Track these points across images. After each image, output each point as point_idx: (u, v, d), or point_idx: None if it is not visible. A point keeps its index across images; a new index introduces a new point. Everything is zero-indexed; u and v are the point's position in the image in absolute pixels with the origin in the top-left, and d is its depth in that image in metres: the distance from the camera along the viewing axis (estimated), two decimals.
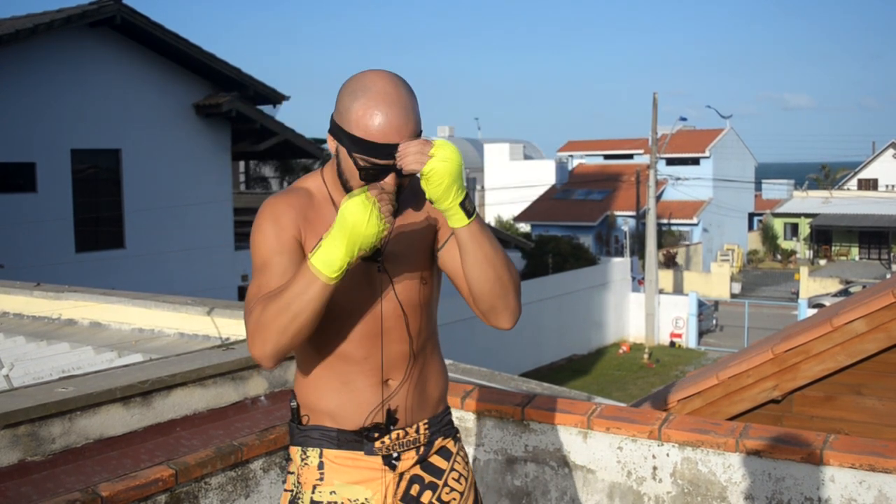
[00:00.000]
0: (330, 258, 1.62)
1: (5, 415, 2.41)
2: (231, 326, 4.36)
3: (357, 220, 1.60)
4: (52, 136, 14.35)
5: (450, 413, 2.02)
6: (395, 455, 1.87)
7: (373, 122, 1.67)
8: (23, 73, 13.92)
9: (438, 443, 1.95)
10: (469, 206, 1.70)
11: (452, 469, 1.96)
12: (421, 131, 1.74)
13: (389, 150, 1.67)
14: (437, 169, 1.63)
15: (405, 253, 1.85)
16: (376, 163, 1.68)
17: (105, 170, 15.53)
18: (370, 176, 1.70)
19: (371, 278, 1.82)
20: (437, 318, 1.97)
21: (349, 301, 1.79)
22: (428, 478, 1.92)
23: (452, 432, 2.00)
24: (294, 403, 1.92)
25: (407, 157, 1.64)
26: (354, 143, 1.69)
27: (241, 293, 17.29)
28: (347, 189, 1.77)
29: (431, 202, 1.69)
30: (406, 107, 1.70)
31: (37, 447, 2.48)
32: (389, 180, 1.70)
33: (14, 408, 2.44)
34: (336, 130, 1.73)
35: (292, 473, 1.91)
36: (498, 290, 1.78)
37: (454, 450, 1.99)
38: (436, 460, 1.94)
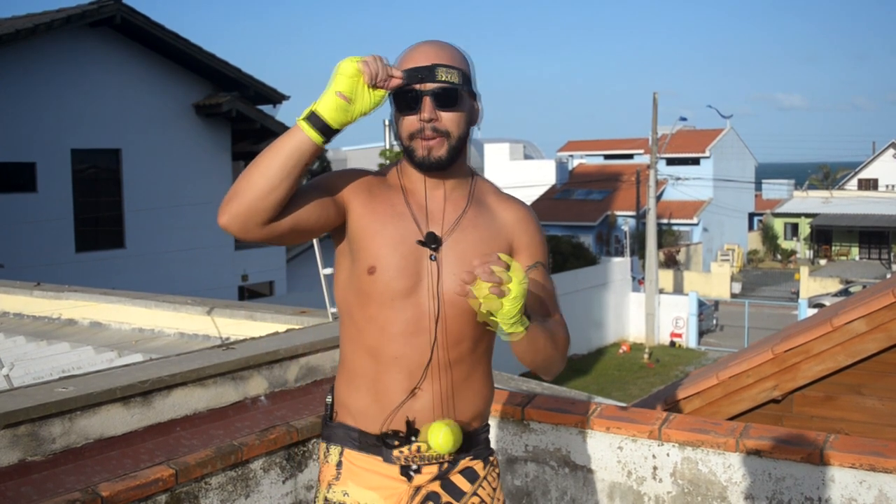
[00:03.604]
0: (318, 104, 1.66)
1: (5, 415, 2.41)
2: (231, 326, 4.36)
3: (340, 64, 1.64)
4: (52, 136, 14.34)
5: (486, 433, 1.91)
6: (413, 467, 1.79)
7: (409, 53, 1.75)
8: (23, 73, 13.91)
9: (464, 462, 1.85)
10: (523, 323, 1.60)
11: (475, 493, 1.85)
12: (469, 77, 1.77)
13: (422, 71, 1.71)
14: (506, 310, 1.54)
15: (466, 249, 1.78)
16: (406, 88, 1.70)
17: (105, 170, 15.52)
18: (409, 101, 1.72)
19: (420, 267, 1.76)
20: (493, 333, 1.84)
21: (393, 287, 1.74)
22: (445, 497, 1.83)
23: (485, 454, 1.89)
24: (329, 398, 1.89)
25: (479, 299, 1.53)
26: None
27: (241, 293, 17.29)
28: (407, 152, 1.77)
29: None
30: (445, 44, 1.76)
31: (37, 447, 2.48)
32: (424, 107, 1.72)
33: (14, 408, 2.44)
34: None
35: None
36: (542, 369, 1.76)
37: (482, 473, 1.87)
38: (458, 480, 1.85)
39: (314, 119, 1.65)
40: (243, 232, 1.67)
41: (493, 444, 3.05)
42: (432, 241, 1.76)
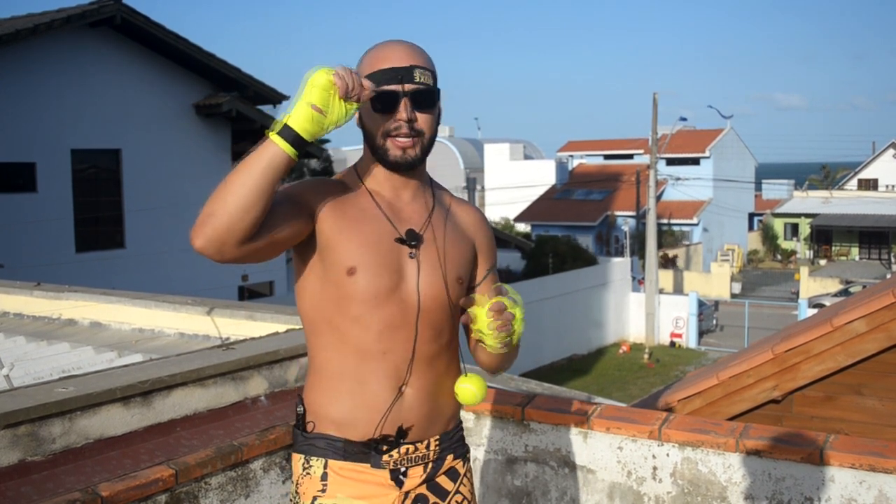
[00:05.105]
0: (290, 116, 1.63)
1: (5, 415, 2.41)
2: (231, 326, 4.36)
3: (310, 76, 1.62)
4: (52, 136, 14.34)
5: (462, 430, 1.96)
6: (402, 470, 1.81)
7: (382, 51, 1.77)
8: (23, 73, 13.91)
9: (448, 462, 1.89)
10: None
11: (457, 492, 1.90)
12: (434, 74, 1.80)
13: (400, 72, 1.73)
14: (516, 336, 1.79)
15: (442, 246, 1.84)
16: (386, 89, 1.72)
17: (105, 170, 15.52)
18: (387, 101, 1.74)
19: (401, 265, 1.80)
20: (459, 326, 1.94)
21: (377, 285, 1.76)
22: (433, 498, 1.86)
23: (463, 451, 1.94)
24: (300, 409, 1.85)
25: (495, 332, 1.74)
26: (369, 79, 1.71)
27: (241, 293, 17.28)
28: (374, 148, 1.80)
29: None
30: (414, 45, 1.79)
31: (37, 447, 2.48)
32: (403, 108, 1.74)
33: (14, 408, 2.44)
34: None
35: (292, 482, 1.86)
36: (500, 370, 1.92)
37: (462, 471, 1.92)
38: (443, 481, 1.88)
39: (287, 132, 1.62)
40: (219, 254, 1.62)
41: (493, 444, 3.06)
42: (412, 239, 1.80)
